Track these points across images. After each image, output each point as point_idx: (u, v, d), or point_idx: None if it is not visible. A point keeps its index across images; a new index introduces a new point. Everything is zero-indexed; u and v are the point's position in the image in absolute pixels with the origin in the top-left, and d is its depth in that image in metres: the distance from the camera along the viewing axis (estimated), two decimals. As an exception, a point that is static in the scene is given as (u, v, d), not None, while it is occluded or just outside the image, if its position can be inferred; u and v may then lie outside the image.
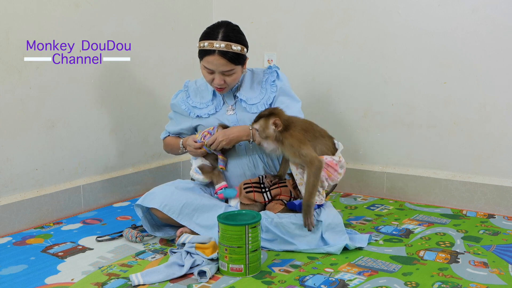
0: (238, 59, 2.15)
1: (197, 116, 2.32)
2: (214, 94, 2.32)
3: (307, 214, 2.03)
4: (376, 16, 2.77)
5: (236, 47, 2.12)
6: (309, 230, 2.04)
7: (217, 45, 2.11)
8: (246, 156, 2.29)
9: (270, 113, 2.10)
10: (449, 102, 2.63)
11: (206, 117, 2.31)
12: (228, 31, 2.15)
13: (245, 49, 2.19)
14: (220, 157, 2.25)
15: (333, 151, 2.13)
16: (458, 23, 2.55)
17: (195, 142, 2.23)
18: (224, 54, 2.11)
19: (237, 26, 2.22)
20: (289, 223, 2.05)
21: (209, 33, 2.16)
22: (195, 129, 2.38)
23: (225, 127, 2.24)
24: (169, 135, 2.44)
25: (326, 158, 2.06)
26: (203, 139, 2.20)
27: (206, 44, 2.13)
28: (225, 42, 2.11)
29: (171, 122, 2.44)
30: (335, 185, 2.18)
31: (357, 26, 2.83)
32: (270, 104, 2.27)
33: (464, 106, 2.59)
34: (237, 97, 2.29)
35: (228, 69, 2.15)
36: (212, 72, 2.17)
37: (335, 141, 2.17)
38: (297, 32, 3.03)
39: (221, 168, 2.25)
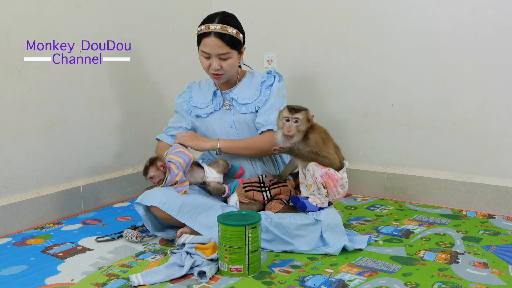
0: (234, 43, 2.21)
1: (197, 115, 2.35)
2: (214, 94, 2.34)
3: (288, 150, 2.06)
4: (376, 16, 2.77)
5: (231, 30, 2.20)
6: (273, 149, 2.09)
7: (213, 27, 2.18)
8: (246, 157, 2.30)
9: (305, 108, 2.10)
10: (449, 103, 2.63)
11: (205, 117, 2.33)
12: (225, 16, 2.24)
13: (241, 35, 2.25)
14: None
15: (340, 166, 2.13)
16: (458, 23, 2.55)
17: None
18: (219, 35, 2.18)
19: (233, 15, 2.30)
20: (289, 223, 2.05)
21: (207, 18, 2.25)
22: (194, 129, 2.41)
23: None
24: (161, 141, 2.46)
25: (329, 170, 2.07)
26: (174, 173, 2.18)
27: (203, 27, 2.21)
28: (221, 24, 2.19)
29: (174, 116, 2.47)
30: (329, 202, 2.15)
31: (357, 26, 2.83)
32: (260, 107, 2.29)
33: (464, 106, 2.59)
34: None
35: (224, 52, 2.20)
36: (208, 56, 2.21)
37: (345, 161, 2.16)
38: (297, 33, 3.02)
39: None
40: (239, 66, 2.37)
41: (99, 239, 2.22)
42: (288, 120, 2.06)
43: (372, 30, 2.79)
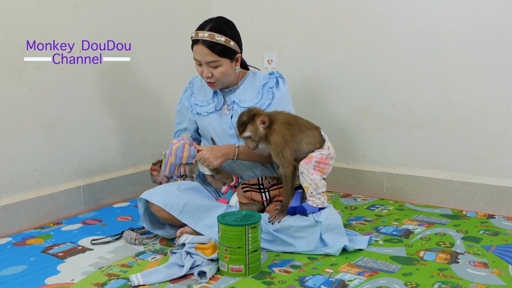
0: (223, 51, 2.16)
1: (197, 113, 2.34)
2: (215, 92, 2.33)
3: (280, 213, 2.09)
4: (376, 16, 2.77)
5: (219, 38, 2.14)
6: (272, 223, 2.09)
7: (201, 35, 2.15)
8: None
9: (252, 116, 2.07)
10: (449, 103, 2.63)
11: (205, 115, 2.32)
12: (218, 23, 2.19)
13: (232, 42, 2.17)
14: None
15: (321, 142, 2.12)
16: (458, 23, 2.55)
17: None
18: (206, 43, 2.14)
19: (229, 21, 2.24)
20: (289, 225, 2.05)
21: (200, 25, 2.21)
22: (196, 125, 2.39)
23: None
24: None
25: (316, 156, 2.06)
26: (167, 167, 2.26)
27: (193, 34, 2.19)
28: (209, 32, 2.15)
29: (177, 114, 2.45)
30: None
31: (357, 26, 2.83)
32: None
33: (464, 106, 2.59)
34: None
35: (212, 60, 2.16)
36: (200, 63, 2.20)
37: (322, 132, 2.15)
38: (297, 33, 3.02)
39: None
40: (247, 68, 2.36)
41: (94, 242, 2.20)
42: None
43: (372, 30, 2.79)
